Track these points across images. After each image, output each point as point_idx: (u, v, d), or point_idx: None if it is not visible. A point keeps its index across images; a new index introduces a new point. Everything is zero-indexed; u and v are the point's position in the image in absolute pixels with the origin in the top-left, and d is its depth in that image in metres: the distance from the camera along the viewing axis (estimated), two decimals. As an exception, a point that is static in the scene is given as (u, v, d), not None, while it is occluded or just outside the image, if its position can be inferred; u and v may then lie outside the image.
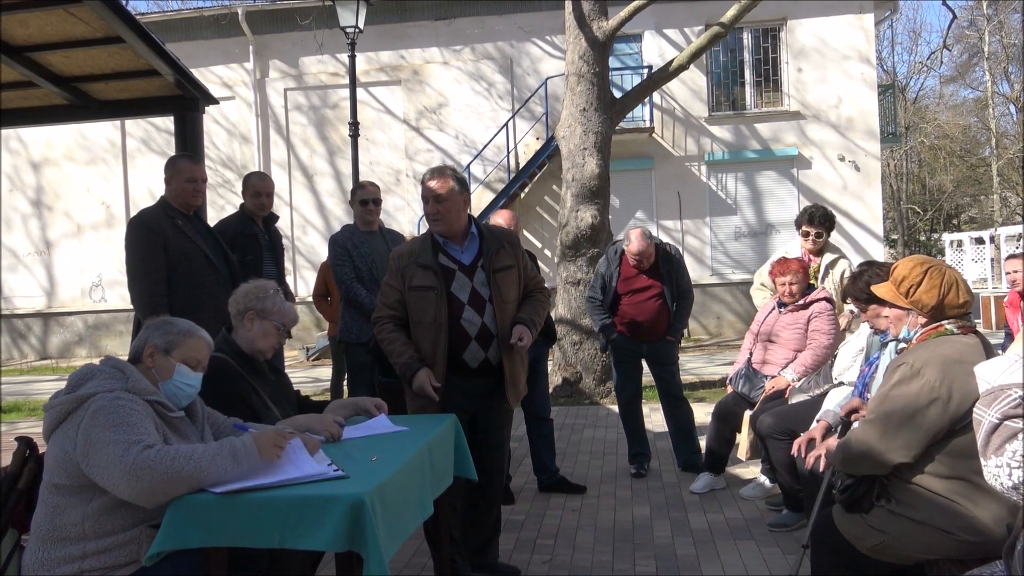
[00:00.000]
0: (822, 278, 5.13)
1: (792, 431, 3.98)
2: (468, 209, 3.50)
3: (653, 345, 5.28)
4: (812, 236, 5.18)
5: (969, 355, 2.41)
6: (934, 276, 2.54)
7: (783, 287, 4.69)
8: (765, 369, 4.73)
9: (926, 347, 2.48)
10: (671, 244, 5.42)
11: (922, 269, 2.57)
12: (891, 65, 33.11)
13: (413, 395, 3.41)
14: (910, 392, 2.40)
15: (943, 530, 2.39)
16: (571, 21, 8.46)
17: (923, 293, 2.54)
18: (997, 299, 14.17)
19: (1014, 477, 1.82)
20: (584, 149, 8.37)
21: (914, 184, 36.31)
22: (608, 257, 5.38)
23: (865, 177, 15.11)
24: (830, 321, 4.63)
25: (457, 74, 15.72)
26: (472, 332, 3.37)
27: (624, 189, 14.60)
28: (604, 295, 5.31)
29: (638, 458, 5.38)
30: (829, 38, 15.00)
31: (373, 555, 2.09)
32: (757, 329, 4.90)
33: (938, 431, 2.38)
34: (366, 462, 2.51)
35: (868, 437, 2.49)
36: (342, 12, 9.79)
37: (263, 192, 4.81)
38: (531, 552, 3.98)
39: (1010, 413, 1.86)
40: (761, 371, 4.73)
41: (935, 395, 2.36)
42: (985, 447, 1.89)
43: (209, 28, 15.67)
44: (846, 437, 2.63)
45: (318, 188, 16.08)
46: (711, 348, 13.36)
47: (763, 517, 4.34)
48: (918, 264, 2.60)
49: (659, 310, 5.21)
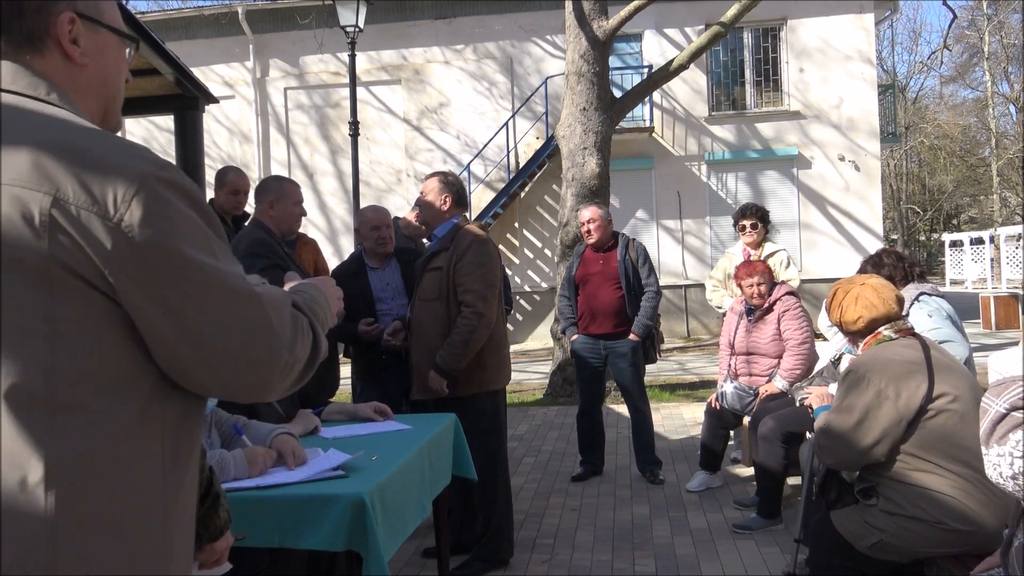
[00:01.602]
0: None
1: (792, 434, 3.99)
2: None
3: (612, 342, 5.12)
4: (748, 228, 5.51)
5: (907, 355, 2.64)
6: (837, 297, 2.85)
7: (751, 288, 4.65)
8: (753, 381, 4.70)
9: (868, 354, 2.71)
10: (637, 240, 5.33)
11: (833, 291, 2.90)
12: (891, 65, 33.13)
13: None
14: (860, 396, 2.60)
15: (934, 522, 2.46)
16: (571, 20, 8.46)
17: (831, 314, 2.88)
18: (997, 299, 14.15)
19: (1015, 466, 1.85)
20: (584, 148, 8.37)
21: (914, 184, 36.33)
22: (575, 252, 5.39)
23: (865, 177, 15.11)
24: (798, 316, 4.61)
25: (458, 73, 15.72)
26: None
27: (624, 189, 14.61)
28: (570, 289, 5.25)
29: (583, 464, 5.36)
30: (829, 38, 15.00)
31: (373, 555, 2.10)
32: (730, 340, 4.87)
33: (896, 427, 2.54)
34: (366, 461, 2.51)
35: (833, 443, 2.67)
36: (342, 11, 9.79)
37: (242, 190, 4.63)
38: (531, 552, 3.98)
39: (1018, 404, 1.89)
40: (749, 383, 4.69)
41: (883, 394, 2.56)
42: (989, 435, 1.93)
43: (209, 27, 15.67)
44: (815, 441, 2.81)
45: (319, 187, 16.08)
46: (711, 348, 13.37)
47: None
48: (834, 287, 2.92)
49: (615, 298, 5.06)
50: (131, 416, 1.00)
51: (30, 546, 0.93)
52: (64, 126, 1.02)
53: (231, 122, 16.19)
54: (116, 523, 0.99)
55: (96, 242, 0.95)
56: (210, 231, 1.06)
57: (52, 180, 0.95)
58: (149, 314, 0.99)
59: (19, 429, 0.94)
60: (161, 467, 1.04)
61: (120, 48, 1.18)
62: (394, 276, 4.23)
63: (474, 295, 3.60)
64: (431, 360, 3.63)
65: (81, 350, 0.97)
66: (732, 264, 5.62)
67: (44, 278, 0.95)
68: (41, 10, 1.07)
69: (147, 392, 1.03)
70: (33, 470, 0.94)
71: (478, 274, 3.63)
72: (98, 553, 0.97)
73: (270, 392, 1.11)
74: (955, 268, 25.38)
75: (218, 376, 1.05)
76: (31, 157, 0.96)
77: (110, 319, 0.99)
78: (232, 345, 1.04)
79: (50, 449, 0.94)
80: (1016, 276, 19.36)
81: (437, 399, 3.67)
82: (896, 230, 34.07)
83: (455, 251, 3.66)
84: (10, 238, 0.94)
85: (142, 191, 0.98)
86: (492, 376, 3.77)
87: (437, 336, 3.64)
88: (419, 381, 3.72)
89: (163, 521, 1.05)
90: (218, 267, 1.04)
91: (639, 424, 5.20)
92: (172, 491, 1.06)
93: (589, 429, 5.36)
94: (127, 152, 1.01)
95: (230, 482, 2.22)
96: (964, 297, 17.97)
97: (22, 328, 0.95)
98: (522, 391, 8.99)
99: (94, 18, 1.12)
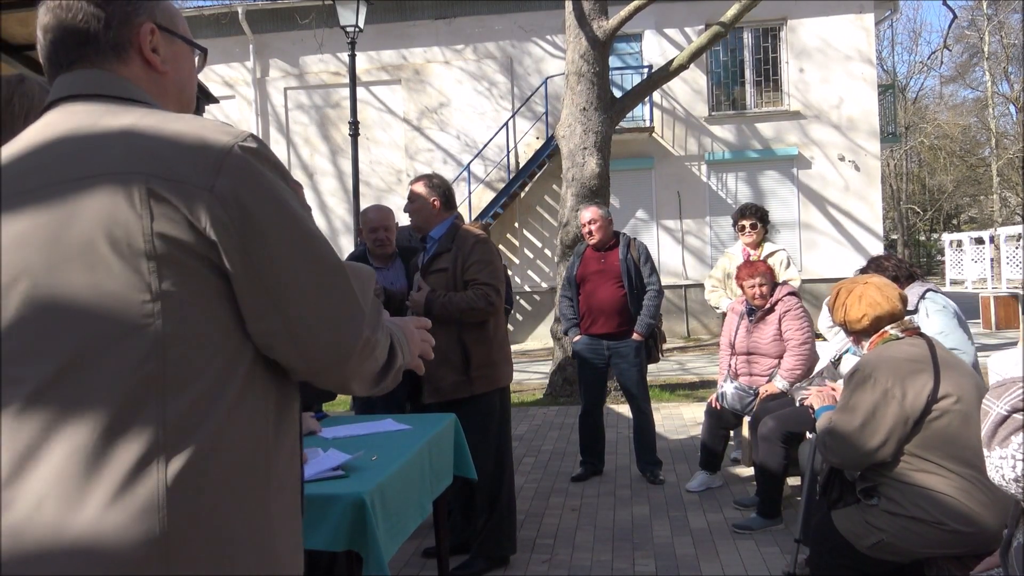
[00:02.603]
0: None
1: (792, 434, 3.99)
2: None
3: (615, 342, 5.11)
4: (748, 228, 5.52)
5: (913, 354, 2.61)
6: (840, 296, 2.84)
7: (753, 289, 4.65)
8: (753, 381, 4.70)
9: (874, 352, 2.69)
10: (638, 239, 5.31)
11: (836, 291, 2.89)
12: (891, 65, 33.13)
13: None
14: (867, 395, 2.58)
15: (935, 522, 2.45)
16: (571, 20, 8.46)
17: (835, 314, 2.86)
18: (997, 299, 14.15)
19: (1017, 469, 1.84)
20: (584, 148, 8.37)
21: (914, 184, 36.33)
22: (575, 252, 5.38)
23: (865, 177, 15.11)
24: (799, 316, 4.61)
25: (458, 73, 15.73)
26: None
27: (624, 189, 14.61)
28: (571, 289, 5.24)
29: (583, 465, 5.36)
30: (830, 38, 15.00)
31: (373, 555, 2.10)
32: (731, 341, 4.87)
33: (902, 427, 2.52)
34: (366, 461, 2.51)
35: (839, 443, 2.65)
36: (342, 11, 9.79)
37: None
38: (531, 552, 3.98)
39: (1019, 406, 1.89)
40: (750, 383, 4.69)
41: (889, 393, 2.54)
42: (991, 438, 1.92)
43: (209, 27, 15.67)
44: (820, 440, 2.77)
45: (319, 187, 16.08)
46: (711, 348, 13.37)
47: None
48: (836, 287, 2.92)
49: (616, 298, 5.04)
50: (240, 385, 1.05)
51: (144, 515, 0.96)
52: (151, 115, 1.09)
53: (231, 122, 16.16)
54: (229, 491, 1.03)
55: (195, 210, 1.01)
56: (294, 196, 1.11)
57: (147, 161, 1.02)
58: (240, 275, 1.04)
59: (134, 405, 0.98)
60: (268, 436, 1.09)
61: (191, 56, 1.30)
62: (399, 276, 4.24)
63: (489, 288, 3.66)
64: (442, 362, 3.59)
65: (190, 323, 1.02)
66: (732, 264, 5.63)
67: (151, 257, 1.00)
68: (125, 22, 1.16)
69: (251, 361, 1.07)
70: (148, 442, 0.98)
71: (488, 271, 3.67)
72: (211, 520, 1.01)
73: (349, 368, 1.12)
74: (955, 268, 25.37)
75: (300, 344, 1.07)
76: (124, 145, 1.03)
77: (215, 290, 1.04)
78: (314, 308, 1.07)
79: (163, 421, 0.99)
80: (1016, 276, 19.36)
81: (443, 401, 3.66)
82: (896, 230, 34.06)
83: (460, 252, 3.66)
84: (114, 223, 1.00)
85: (230, 160, 1.04)
86: (500, 373, 3.79)
87: (447, 338, 3.59)
88: (430, 385, 3.69)
89: (269, 488, 1.08)
90: (308, 229, 1.09)
91: (641, 425, 5.19)
92: (277, 461, 1.10)
93: (591, 430, 5.36)
94: (213, 128, 1.08)
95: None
96: (964, 297, 17.96)
97: (133, 307, 0.99)
98: (522, 391, 8.99)
99: (170, 29, 1.24)
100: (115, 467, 0.96)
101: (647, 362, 5.23)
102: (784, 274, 5.34)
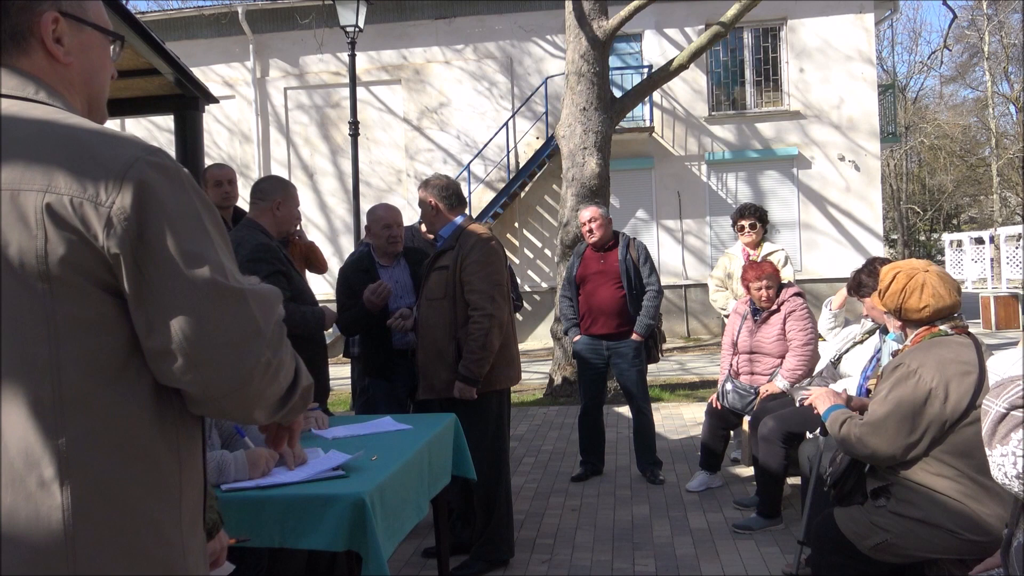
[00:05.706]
0: None
1: (792, 434, 3.98)
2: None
3: (615, 343, 5.10)
4: (747, 228, 5.52)
5: (963, 355, 2.49)
6: (899, 281, 2.63)
7: (759, 291, 4.65)
8: (754, 380, 4.70)
9: (921, 348, 2.56)
10: (637, 239, 5.30)
11: (892, 274, 2.67)
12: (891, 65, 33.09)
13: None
14: (908, 392, 2.47)
15: (947, 529, 2.42)
16: (571, 20, 8.46)
17: (888, 298, 2.66)
18: (997, 299, 14.15)
19: (1018, 466, 1.84)
20: (584, 148, 8.37)
21: (914, 184, 36.31)
22: (575, 252, 5.37)
23: (865, 177, 15.11)
24: (804, 317, 4.61)
25: (458, 73, 15.72)
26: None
27: (624, 189, 14.60)
28: (571, 289, 5.23)
29: (583, 465, 5.35)
30: (830, 38, 15.00)
31: (373, 554, 2.10)
32: (734, 340, 4.86)
33: (938, 429, 2.44)
34: (366, 461, 2.51)
35: (869, 436, 2.54)
36: (342, 11, 9.78)
37: (224, 179, 4.52)
38: (531, 552, 3.98)
39: (1018, 403, 1.89)
40: (751, 383, 4.69)
41: (933, 394, 2.43)
42: (991, 436, 1.92)
43: (209, 27, 15.66)
44: (845, 433, 2.66)
45: (319, 187, 16.08)
46: (711, 348, 13.36)
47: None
48: (891, 270, 2.70)
49: (616, 298, 5.04)
50: (139, 407, 1.02)
51: (51, 541, 0.95)
52: (54, 123, 1.03)
53: (231, 122, 16.19)
54: (132, 513, 1.01)
55: (92, 229, 0.97)
56: (203, 213, 1.06)
57: (44, 176, 0.97)
58: (134, 293, 1.00)
59: (30, 429, 0.96)
60: (172, 458, 1.06)
61: (105, 45, 1.19)
62: (403, 275, 4.24)
63: (480, 295, 3.60)
64: (437, 359, 3.63)
65: (85, 346, 0.98)
66: (732, 263, 5.63)
67: (43, 278, 0.96)
68: (24, 9, 1.08)
69: (151, 383, 1.04)
70: (47, 467, 0.96)
71: (483, 273, 3.62)
72: (116, 544, 0.99)
73: (252, 391, 1.05)
74: (955, 268, 25.37)
75: (193, 364, 1.01)
76: (24, 157, 0.98)
77: (112, 312, 1.00)
78: (208, 328, 1.01)
79: (62, 445, 0.96)
80: (1016, 276, 19.35)
81: (442, 399, 3.67)
82: (896, 230, 34.06)
83: (460, 250, 3.66)
84: (9, 241, 0.96)
85: (132, 175, 0.99)
86: (498, 375, 3.74)
87: (443, 336, 3.64)
88: (425, 381, 3.72)
89: (178, 508, 1.06)
90: (205, 248, 1.03)
91: (641, 425, 5.19)
92: (184, 480, 1.08)
93: (591, 430, 5.35)
94: (116, 140, 1.03)
95: (230, 483, 2.22)
96: (964, 297, 17.90)
97: (26, 329, 0.96)
98: (522, 391, 8.98)
99: (78, 16, 1.13)
100: (15, 494, 0.95)
101: (647, 362, 5.23)
102: (780, 273, 5.34)
